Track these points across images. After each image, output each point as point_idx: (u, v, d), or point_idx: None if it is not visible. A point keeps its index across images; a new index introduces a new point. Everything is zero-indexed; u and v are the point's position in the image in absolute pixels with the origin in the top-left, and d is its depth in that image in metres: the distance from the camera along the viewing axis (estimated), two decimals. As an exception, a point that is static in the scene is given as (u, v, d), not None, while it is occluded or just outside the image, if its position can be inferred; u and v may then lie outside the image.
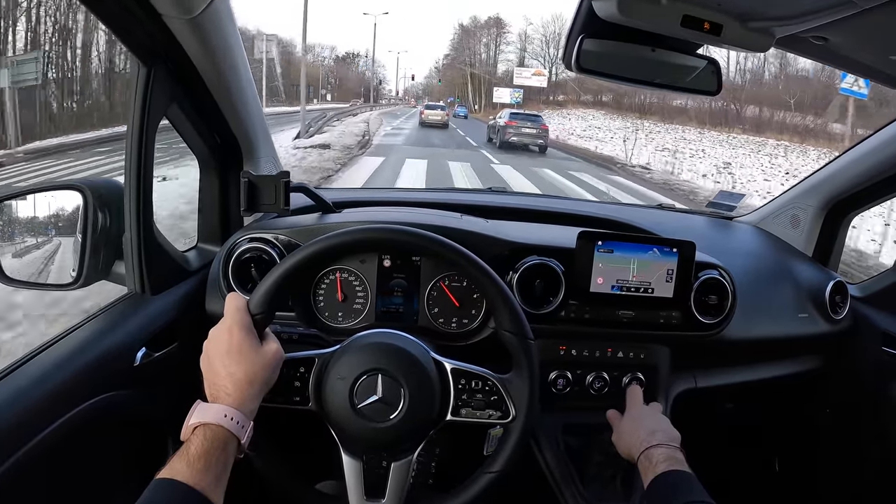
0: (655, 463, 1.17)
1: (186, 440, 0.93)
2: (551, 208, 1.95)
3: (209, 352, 1.02)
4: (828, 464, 2.02)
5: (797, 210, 2.05)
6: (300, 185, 1.53)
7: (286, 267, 1.09)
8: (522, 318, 1.15)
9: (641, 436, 1.26)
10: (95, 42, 22.08)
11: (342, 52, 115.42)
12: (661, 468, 1.14)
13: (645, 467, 1.19)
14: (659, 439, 1.23)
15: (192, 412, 0.96)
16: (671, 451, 1.20)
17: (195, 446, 0.90)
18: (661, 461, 1.16)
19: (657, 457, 1.18)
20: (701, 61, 1.28)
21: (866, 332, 1.84)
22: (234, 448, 0.94)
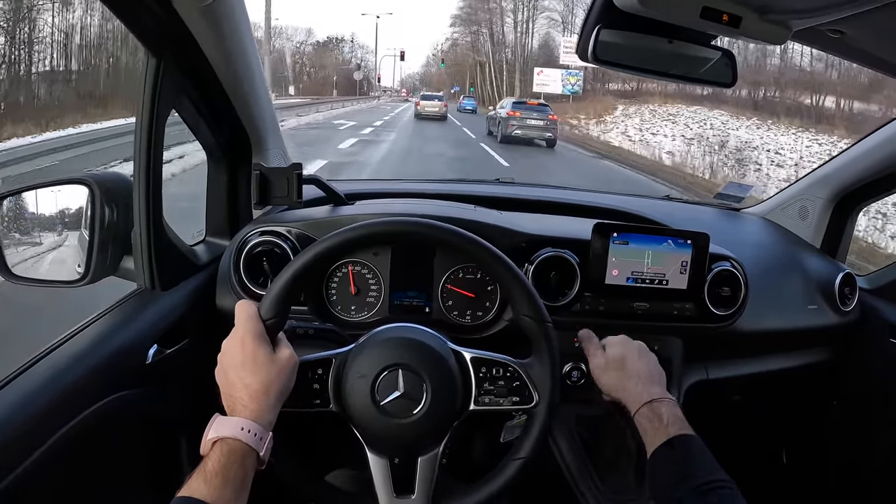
0: (667, 423, 1.10)
1: (205, 456, 0.92)
2: (562, 199, 1.94)
3: (224, 364, 1.01)
4: (835, 456, 2.02)
5: (806, 202, 2.05)
6: (313, 177, 1.52)
7: (297, 266, 1.07)
8: (540, 302, 1.14)
9: (642, 383, 1.19)
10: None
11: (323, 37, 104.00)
12: (672, 430, 1.08)
13: (654, 426, 1.11)
14: (662, 392, 1.17)
15: (211, 426, 0.95)
16: (676, 409, 1.14)
17: (213, 462, 0.90)
18: (671, 422, 1.10)
19: (667, 415, 1.11)
20: (716, 53, 1.27)
21: (875, 323, 1.84)
22: (252, 461, 0.94)
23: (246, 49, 1.35)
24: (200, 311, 1.38)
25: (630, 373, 1.20)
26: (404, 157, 17.47)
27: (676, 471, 1.03)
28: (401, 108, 51.02)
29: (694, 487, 0.97)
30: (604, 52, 1.17)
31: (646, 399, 1.14)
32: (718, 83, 1.32)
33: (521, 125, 22.52)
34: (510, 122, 22.61)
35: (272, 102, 1.63)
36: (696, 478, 0.99)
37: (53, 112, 20.97)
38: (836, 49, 1.27)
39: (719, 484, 0.98)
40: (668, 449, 1.05)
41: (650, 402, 1.13)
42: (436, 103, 37.35)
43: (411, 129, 27.27)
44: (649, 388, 1.17)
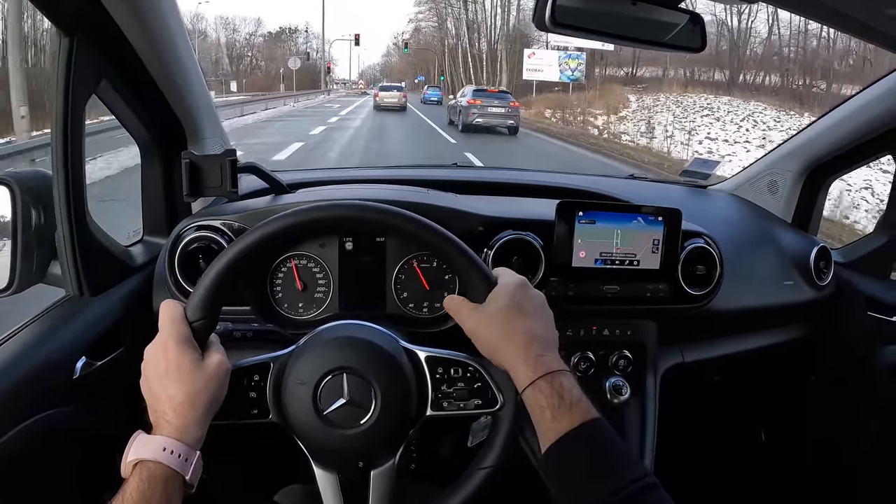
0: (570, 404, 0.86)
1: (125, 478, 0.82)
2: (523, 181, 1.89)
3: (146, 374, 0.91)
4: (814, 432, 2.01)
5: (775, 176, 2.02)
6: (249, 165, 1.42)
7: (225, 261, 0.96)
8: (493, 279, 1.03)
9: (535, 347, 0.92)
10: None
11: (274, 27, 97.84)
12: (578, 415, 0.86)
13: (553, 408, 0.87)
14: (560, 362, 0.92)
15: (131, 445, 0.85)
16: (577, 384, 0.90)
17: (131, 489, 0.80)
18: (576, 403, 0.87)
19: (569, 394, 0.88)
20: (683, 16, 1.19)
21: (851, 297, 1.83)
22: (177, 486, 0.84)
23: (171, 26, 1.26)
24: (137, 316, 1.28)
25: (516, 333, 0.93)
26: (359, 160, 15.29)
27: (589, 469, 0.83)
28: (356, 105, 43.31)
29: (614, 491, 0.79)
30: (563, 16, 1.09)
31: (542, 371, 0.89)
32: (687, 48, 1.24)
33: (483, 113, 22.24)
34: (471, 110, 22.31)
35: (206, 87, 1.54)
36: (617, 478, 0.80)
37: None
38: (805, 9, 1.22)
39: (642, 483, 0.80)
40: (575, 440, 0.84)
41: (547, 375, 0.89)
42: (395, 94, 37.94)
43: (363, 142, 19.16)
44: (544, 355, 0.91)
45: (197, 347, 0.92)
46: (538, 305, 0.99)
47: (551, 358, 0.91)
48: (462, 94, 26.04)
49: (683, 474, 1.90)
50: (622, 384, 1.42)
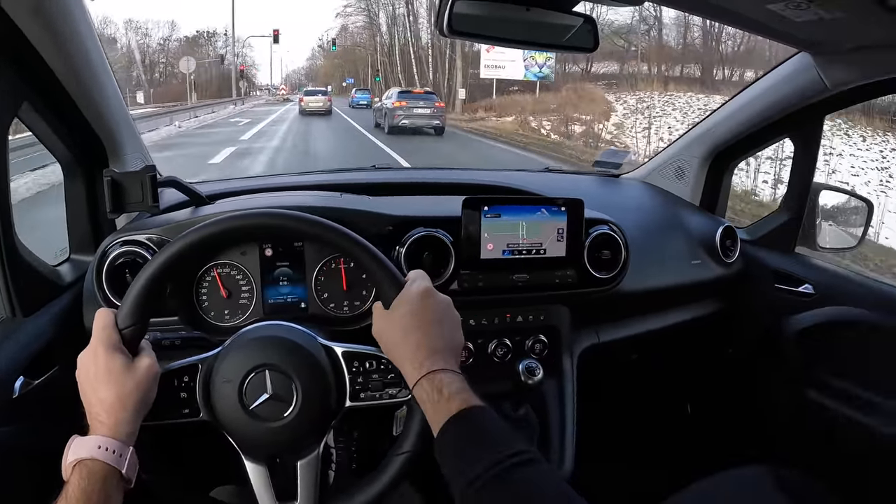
0: (448, 397, 0.92)
1: (66, 480, 0.87)
2: (437, 180, 1.94)
3: (80, 380, 0.96)
4: (735, 401, 2.11)
5: (682, 162, 2.12)
6: (169, 179, 1.44)
7: (150, 271, 1.02)
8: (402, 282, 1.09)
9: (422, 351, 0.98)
10: None
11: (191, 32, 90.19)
12: (455, 404, 0.91)
13: (433, 402, 0.93)
14: (446, 363, 0.98)
15: (69, 448, 0.90)
16: (460, 380, 0.96)
17: (73, 487, 0.85)
18: (454, 395, 0.92)
19: (448, 388, 0.93)
20: (577, 19, 1.25)
21: (758, 272, 1.93)
22: (115, 481, 0.89)
23: (87, 47, 1.27)
24: (69, 334, 1.29)
25: (409, 338, 1.00)
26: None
27: (469, 450, 0.88)
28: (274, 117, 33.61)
29: (491, 465, 0.82)
30: (460, 23, 1.15)
31: (425, 371, 0.96)
32: (581, 49, 1.31)
33: (408, 115, 22.25)
34: (396, 112, 22.28)
35: (124, 104, 1.54)
36: (493, 455, 0.84)
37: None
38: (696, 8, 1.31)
39: (519, 458, 0.83)
40: (453, 426, 0.90)
41: (428, 375, 0.95)
42: (319, 98, 37.57)
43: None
44: (430, 357, 0.97)
45: (126, 352, 0.97)
46: (439, 313, 1.04)
47: (438, 358, 0.97)
48: (387, 96, 25.80)
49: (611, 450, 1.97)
50: (535, 366, 1.46)
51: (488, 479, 0.81)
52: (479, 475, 0.82)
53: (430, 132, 22.67)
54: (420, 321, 1.01)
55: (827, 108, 1.74)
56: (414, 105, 22.59)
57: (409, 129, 22.11)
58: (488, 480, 0.81)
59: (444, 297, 1.06)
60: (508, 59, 34.19)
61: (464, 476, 0.83)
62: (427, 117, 22.58)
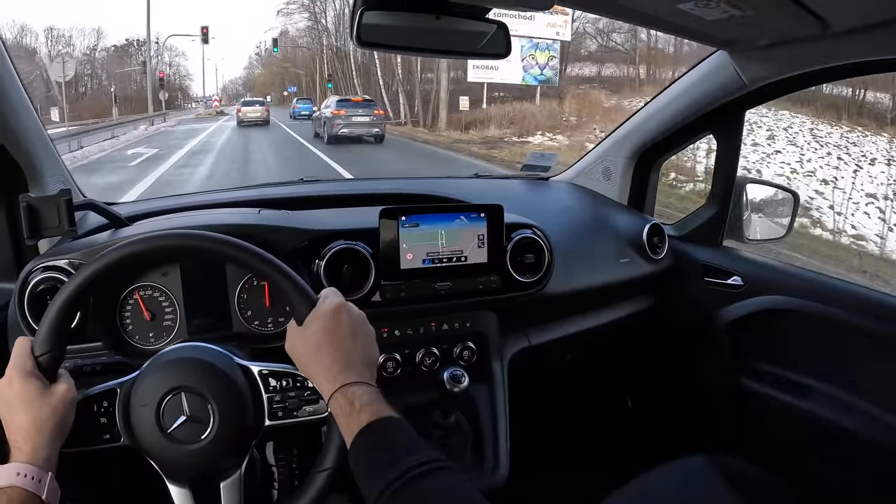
0: (359, 409, 0.93)
1: None
2: (363, 191, 1.93)
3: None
4: (674, 392, 2.15)
5: (608, 162, 2.15)
6: (87, 203, 1.42)
7: (62, 298, 1.01)
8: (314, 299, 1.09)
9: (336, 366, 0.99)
10: None
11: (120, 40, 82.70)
12: (366, 416, 0.92)
13: (346, 415, 0.94)
14: (359, 375, 0.98)
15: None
16: (371, 391, 0.97)
17: None
18: (364, 406, 0.93)
19: (359, 400, 0.94)
20: (490, 25, 1.25)
21: (687, 267, 1.96)
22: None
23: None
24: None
25: (323, 354, 1.00)
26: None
27: (378, 460, 0.89)
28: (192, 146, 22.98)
29: (401, 475, 0.84)
30: (369, 34, 1.14)
31: (339, 384, 0.97)
32: (494, 55, 1.31)
33: (348, 123, 21.75)
34: (335, 121, 21.75)
35: (41, 125, 1.50)
36: (401, 464, 0.85)
37: None
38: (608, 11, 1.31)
39: (428, 466, 0.85)
40: (364, 437, 0.91)
41: (342, 388, 0.96)
42: (257, 108, 37.73)
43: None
44: (343, 371, 0.98)
45: (42, 378, 0.96)
46: (353, 327, 1.04)
47: (351, 372, 0.98)
48: (326, 105, 25.06)
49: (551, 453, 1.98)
50: (460, 374, 1.45)
51: (398, 487, 0.82)
52: (389, 484, 0.83)
53: (370, 140, 22.29)
54: (333, 336, 1.01)
55: (746, 104, 1.78)
56: (353, 113, 22.08)
57: (349, 138, 21.73)
58: (398, 489, 0.82)
59: (358, 312, 1.06)
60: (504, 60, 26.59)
61: (375, 486, 0.84)
62: (366, 125, 22.14)
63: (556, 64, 28.54)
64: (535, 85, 27.98)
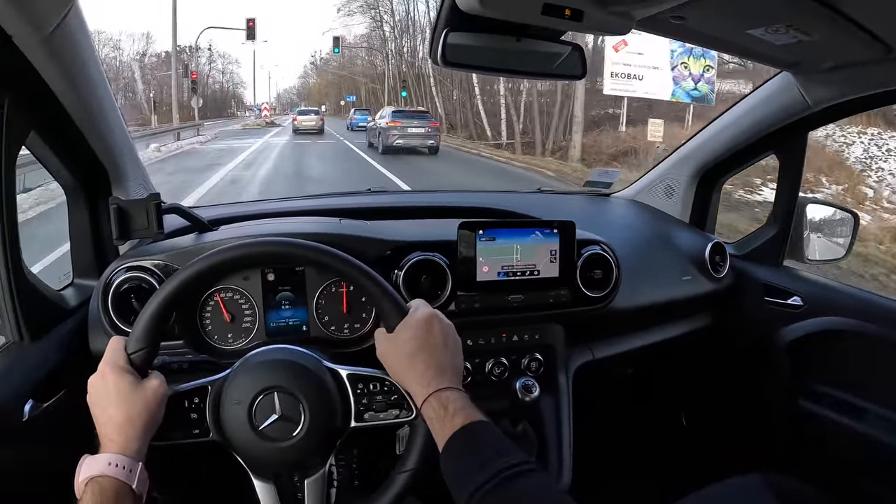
0: (453, 413, 0.97)
1: (79, 498, 0.90)
2: (432, 203, 1.97)
3: (89, 400, 0.99)
4: (729, 412, 2.14)
5: (670, 180, 2.16)
6: (173, 206, 1.48)
7: (161, 298, 1.05)
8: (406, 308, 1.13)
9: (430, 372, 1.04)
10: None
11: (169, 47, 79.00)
12: (459, 419, 0.96)
13: (440, 419, 0.98)
14: (451, 381, 1.03)
15: (80, 467, 0.92)
16: (464, 398, 1.01)
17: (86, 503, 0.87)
18: (457, 411, 0.98)
19: (453, 405, 0.98)
20: (565, 47, 1.31)
21: (748, 286, 1.96)
22: (127, 496, 0.91)
23: (93, 77, 1.29)
24: (75, 358, 1.31)
25: (416, 362, 1.05)
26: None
27: (470, 462, 0.93)
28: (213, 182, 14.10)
29: (491, 477, 0.87)
30: (454, 55, 1.20)
31: (432, 389, 1.01)
32: (570, 76, 1.36)
33: (403, 134, 21.71)
34: (390, 131, 21.69)
35: (128, 133, 1.55)
36: (492, 466, 0.89)
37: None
38: (679, 34, 1.33)
39: (517, 469, 0.88)
40: (457, 440, 0.95)
41: (436, 393, 1.01)
42: (311, 117, 39.17)
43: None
44: (436, 377, 1.03)
45: (135, 373, 1.01)
46: (443, 337, 1.08)
47: (444, 378, 1.03)
48: (381, 115, 25.16)
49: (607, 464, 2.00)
50: (532, 384, 1.51)
51: (490, 489, 0.85)
52: (481, 486, 0.86)
53: (425, 151, 22.24)
54: (426, 344, 1.06)
55: (810, 125, 1.79)
56: (408, 125, 22.05)
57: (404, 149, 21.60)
58: (490, 490, 0.85)
59: (448, 322, 1.11)
60: (648, 63, 20.63)
61: (466, 488, 0.88)
62: (421, 137, 22.09)
63: (714, 77, 21.33)
64: (688, 103, 21.22)
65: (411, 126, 21.97)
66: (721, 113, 1.97)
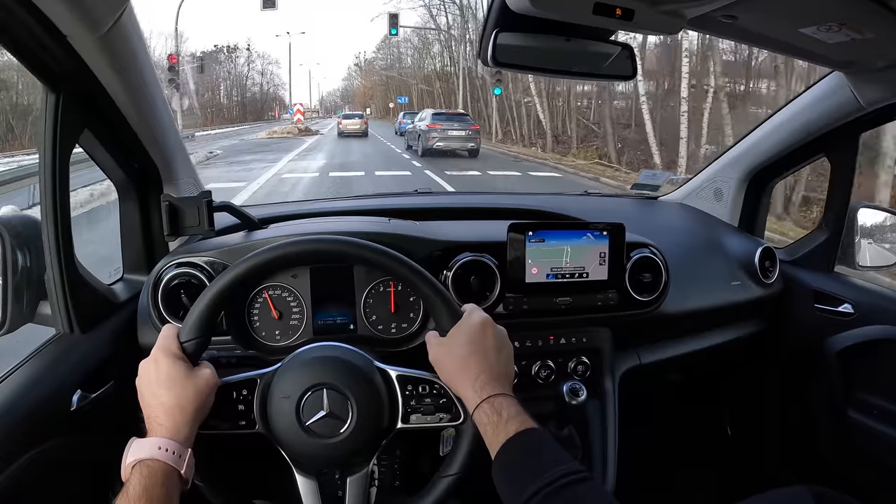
0: (507, 419, 0.96)
1: (126, 480, 0.90)
2: (480, 204, 1.98)
3: (140, 385, 1.01)
4: (776, 422, 2.10)
5: (719, 183, 2.13)
6: (224, 204, 1.49)
7: (215, 290, 1.07)
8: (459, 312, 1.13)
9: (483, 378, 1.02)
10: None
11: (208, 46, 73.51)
12: (513, 426, 0.96)
13: (493, 425, 0.97)
14: (503, 387, 1.02)
15: (128, 450, 0.93)
16: (517, 404, 1.00)
17: (134, 486, 0.88)
18: (511, 417, 0.97)
19: (507, 411, 0.97)
20: (615, 47, 1.30)
21: (798, 292, 1.93)
22: (175, 480, 0.92)
23: (146, 77, 1.32)
24: (124, 350, 1.34)
25: (469, 367, 1.04)
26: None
27: (522, 470, 0.92)
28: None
29: (545, 484, 0.86)
30: (503, 55, 1.20)
31: (486, 395, 1.00)
32: (619, 76, 1.35)
33: (443, 137, 21.87)
34: (430, 134, 21.93)
35: (178, 131, 1.59)
36: (546, 474, 0.88)
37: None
38: (730, 33, 1.32)
39: (572, 477, 0.87)
40: (511, 446, 0.95)
41: (489, 399, 1.00)
42: (356, 121, 39.58)
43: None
44: (489, 383, 1.02)
45: (187, 361, 1.02)
46: (497, 343, 1.07)
47: (496, 384, 1.01)
48: (421, 118, 25.28)
49: (651, 471, 1.97)
50: (579, 387, 1.50)
51: (543, 496, 0.85)
52: (535, 493, 0.85)
53: (464, 154, 22.36)
54: (480, 349, 1.05)
55: (862, 127, 1.75)
56: (449, 127, 22.12)
57: (443, 152, 21.76)
58: (546, 496, 0.84)
59: (501, 328, 1.10)
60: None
61: (520, 494, 0.87)
62: (462, 139, 22.12)
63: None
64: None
65: (452, 129, 22.06)
66: (771, 114, 1.94)
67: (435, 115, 23.52)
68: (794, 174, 2.08)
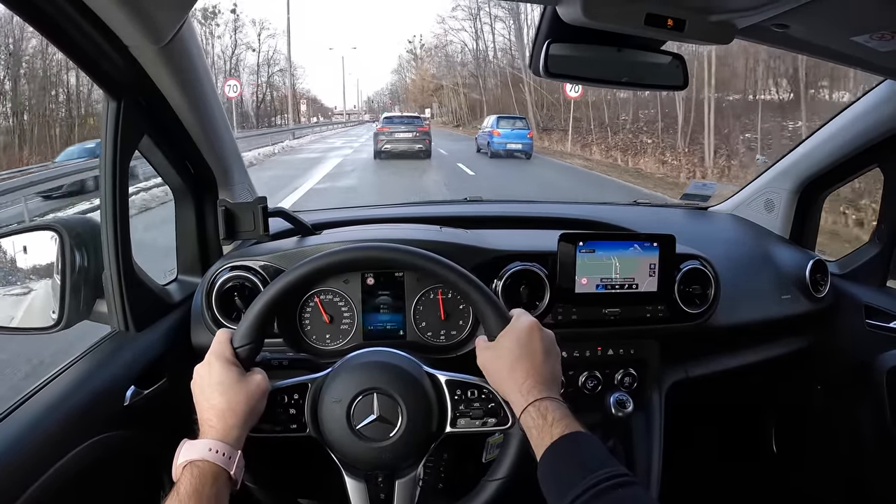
0: (552, 422, 0.96)
1: (177, 481, 0.93)
2: (529, 213, 1.98)
3: (194, 388, 1.03)
4: (823, 439, 2.06)
5: (770, 194, 2.10)
6: (278, 210, 1.53)
7: (269, 296, 1.09)
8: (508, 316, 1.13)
9: (530, 381, 1.02)
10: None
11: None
12: (558, 429, 0.95)
13: (538, 427, 0.97)
14: (550, 390, 1.02)
15: (180, 451, 0.96)
16: (563, 407, 1.00)
17: (185, 486, 0.90)
18: (557, 420, 0.96)
19: (552, 414, 0.97)
20: (666, 57, 1.31)
21: (849, 307, 1.89)
22: (224, 481, 0.94)
23: (204, 87, 1.36)
24: (176, 349, 1.38)
25: (517, 371, 1.04)
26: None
27: (567, 472, 0.92)
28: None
29: (589, 487, 0.86)
30: (555, 65, 1.21)
31: (532, 398, 1.01)
32: (671, 87, 1.36)
33: (390, 139, 22.74)
34: (379, 137, 22.89)
35: (234, 138, 1.64)
36: (591, 477, 0.87)
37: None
38: (781, 42, 1.31)
39: (617, 480, 0.87)
40: (557, 448, 0.95)
41: (535, 402, 1.00)
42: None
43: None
44: (536, 386, 1.02)
45: (240, 366, 1.04)
46: (545, 347, 1.07)
47: (543, 388, 1.02)
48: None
49: (695, 483, 1.94)
50: (626, 399, 1.50)
51: (589, 497, 0.85)
52: (579, 495, 0.85)
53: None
54: (528, 353, 1.05)
55: (917, 137, 1.70)
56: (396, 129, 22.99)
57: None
58: (589, 499, 0.84)
59: (549, 333, 1.10)
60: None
61: (565, 495, 0.87)
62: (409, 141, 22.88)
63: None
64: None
65: (399, 131, 22.98)
66: (822, 124, 1.90)
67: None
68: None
